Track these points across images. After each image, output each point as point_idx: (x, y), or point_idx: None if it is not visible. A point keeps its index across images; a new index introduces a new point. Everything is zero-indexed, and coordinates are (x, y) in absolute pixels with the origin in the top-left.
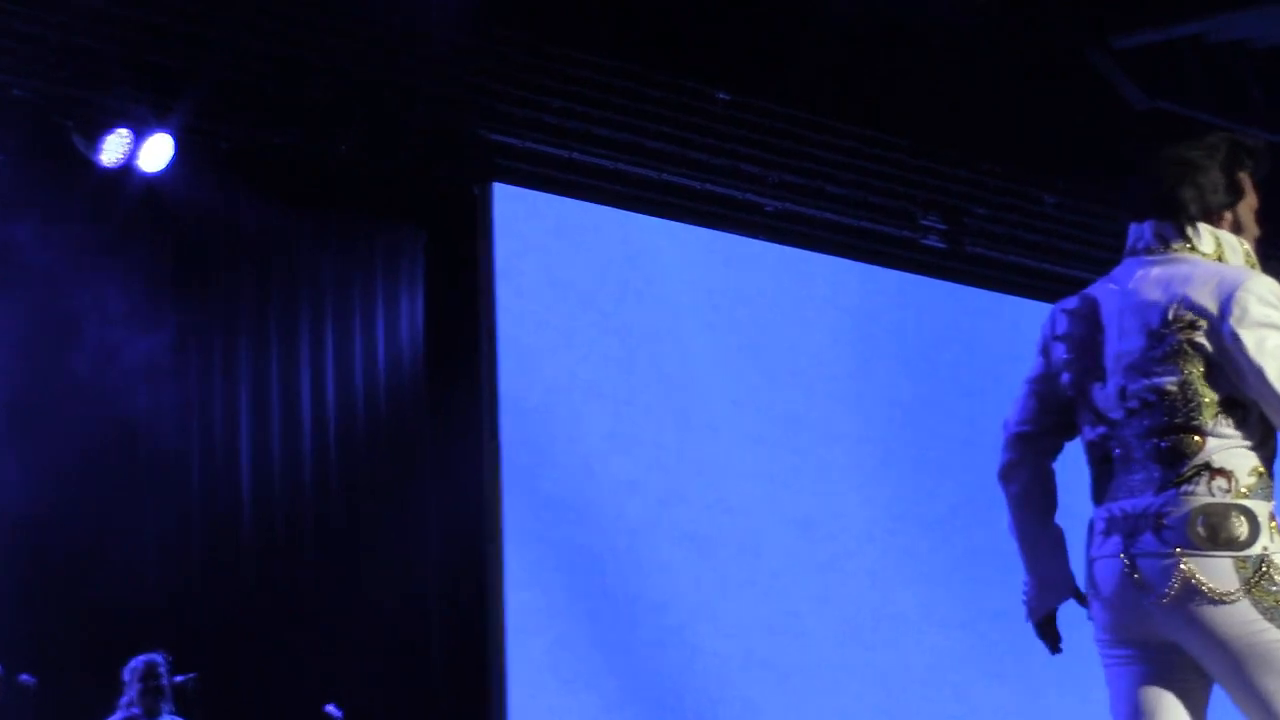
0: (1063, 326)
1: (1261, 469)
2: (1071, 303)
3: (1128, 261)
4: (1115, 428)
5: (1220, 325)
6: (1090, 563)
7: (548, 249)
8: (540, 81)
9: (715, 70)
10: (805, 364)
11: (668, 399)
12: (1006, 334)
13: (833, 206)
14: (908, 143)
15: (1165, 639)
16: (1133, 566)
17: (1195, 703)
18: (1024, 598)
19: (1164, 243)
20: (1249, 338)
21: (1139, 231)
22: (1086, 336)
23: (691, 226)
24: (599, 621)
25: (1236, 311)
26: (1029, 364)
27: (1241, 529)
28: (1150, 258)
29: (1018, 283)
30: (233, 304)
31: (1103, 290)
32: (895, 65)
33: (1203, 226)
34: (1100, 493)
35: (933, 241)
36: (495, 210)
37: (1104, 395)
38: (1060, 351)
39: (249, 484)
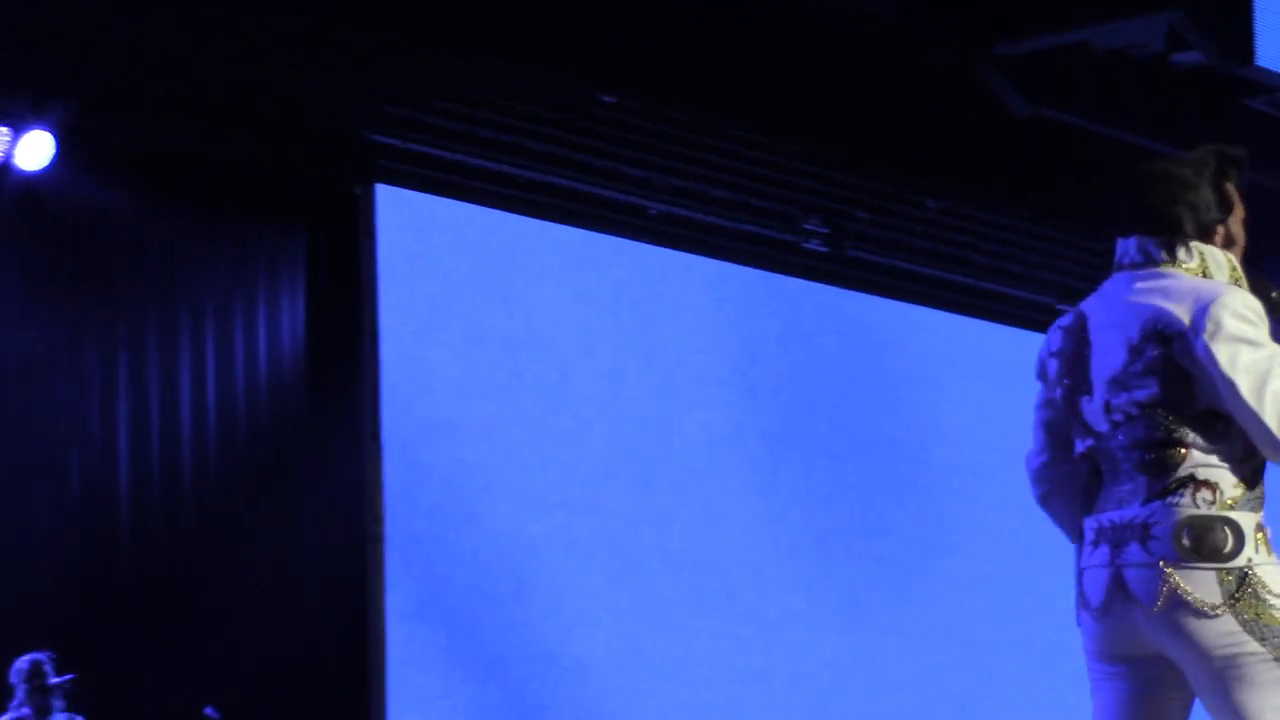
0: (1056, 343)
1: (1247, 480)
2: (1066, 319)
3: (1115, 276)
4: (1102, 440)
5: (1194, 340)
6: (1079, 573)
7: (431, 250)
8: (423, 83)
9: (600, 73)
10: (687, 366)
11: (550, 400)
12: (887, 337)
13: (715, 210)
14: (791, 147)
15: (1151, 651)
16: (1120, 577)
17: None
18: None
19: (1148, 257)
20: (1222, 353)
21: (1124, 246)
22: (1076, 351)
23: (575, 229)
24: (480, 620)
25: (1210, 326)
26: (1034, 390)
27: (1226, 541)
28: (1135, 273)
29: (899, 287)
30: (113, 303)
31: (1091, 305)
32: (780, 70)
33: (1192, 244)
34: (1090, 504)
35: (815, 245)
36: (378, 211)
37: (1091, 409)
38: (1054, 367)
39: (128, 484)
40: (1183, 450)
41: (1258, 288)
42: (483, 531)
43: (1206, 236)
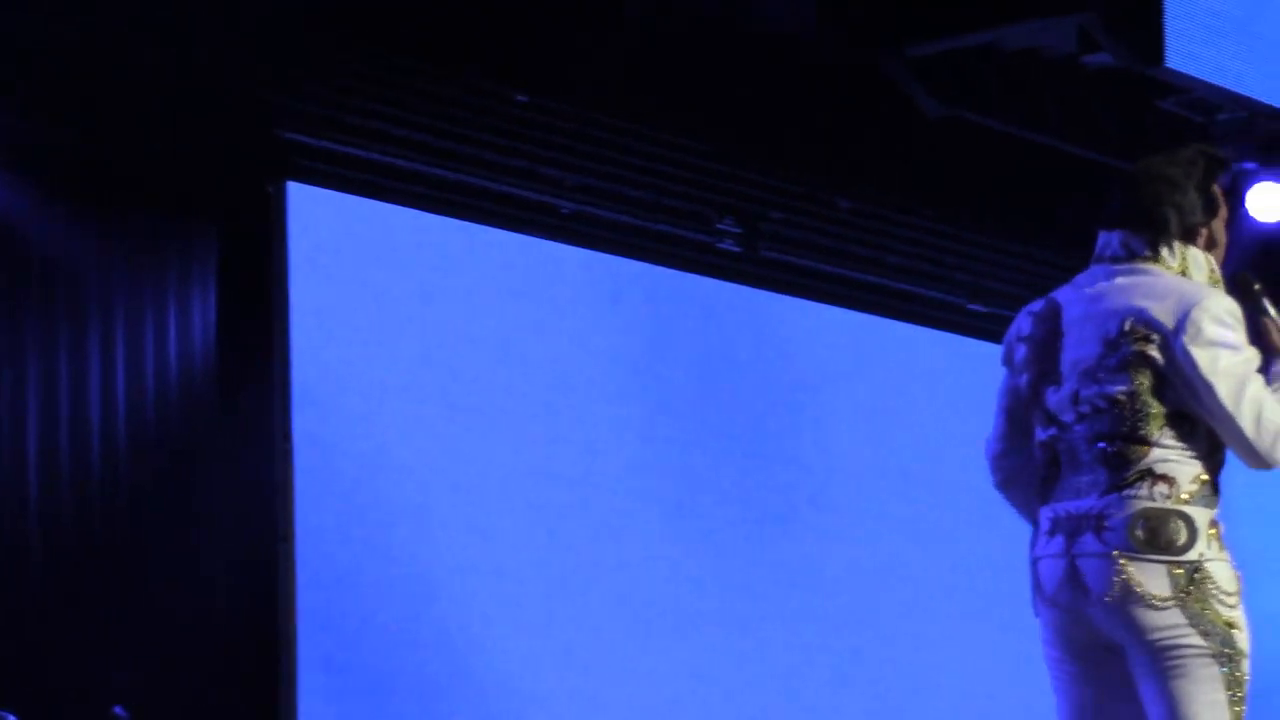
0: (1026, 329)
1: (1205, 478)
2: (1037, 305)
3: (1094, 268)
4: (1065, 430)
5: (1174, 341)
6: (1034, 562)
7: (345, 249)
8: (337, 80)
9: (513, 72)
10: (601, 365)
11: (465, 399)
12: (800, 337)
13: (629, 209)
14: (704, 146)
15: (1106, 641)
16: (1074, 567)
17: (1139, 711)
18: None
19: (1131, 253)
20: (1202, 356)
21: (1107, 239)
22: (1046, 339)
23: (488, 228)
24: (392, 620)
25: (1191, 330)
26: (998, 376)
27: (1180, 534)
28: (1115, 267)
29: (812, 287)
30: (18, 304)
31: (1066, 295)
32: (693, 69)
33: (1176, 244)
34: (1047, 493)
35: (728, 245)
36: (290, 210)
37: (1057, 398)
38: (1021, 353)
39: (36, 485)
40: (1144, 447)
41: (1239, 281)
42: (394, 532)
43: (1190, 237)
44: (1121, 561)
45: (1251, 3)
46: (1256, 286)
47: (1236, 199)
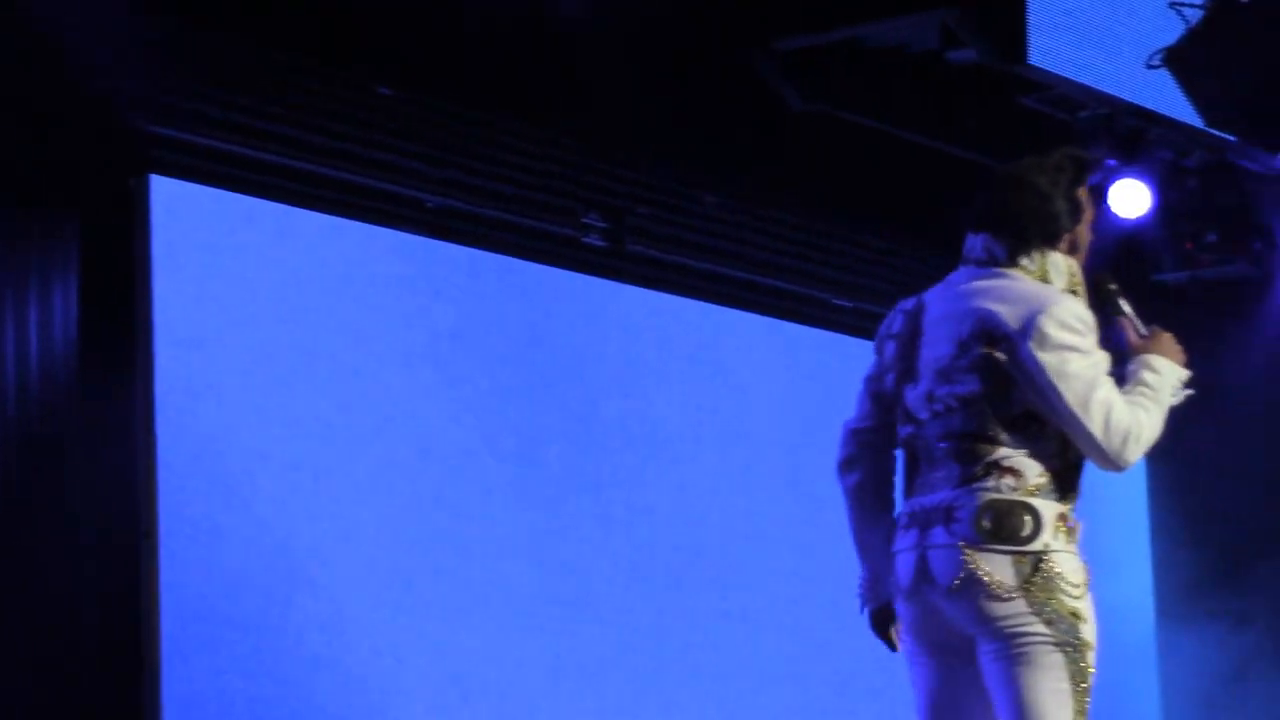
0: (896, 326)
1: (1055, 471)
2: (909, 303)
3: (960, 269)
4: (921, 427)
5: (1020, 346)
6: (893, 557)
7: (210, 243)
8: (200, 73)
9: (379, 64)
10: (467, 361)
11: (331, 394)
12: (666, 333)
13: (495, 203)
14: (571, 141)
15: (958, 634)
16: (924, 559)
17: (991, 706)
18: (859, 590)
19: (992, 257)
20: (1048, 360)
21: (973, 242)
22: (910, 337)
23: (354, 222)
24: (258, 616)
25: (1037, 335)
26: (868, 361)
27: (1024, 525)
28: (978, 270)
29: (678, 282)
30: None
31: (933, 294)
32: (559, 63)
33: (1036, 249)
34: (907, 489)
35: (594, 240)
36: (154, 203)
37: (914, 396)
38: (889, 350)
39: None
40: (993, 446)
41: (1096, 283)
42: (261, 528)
43: (1052, 243)
44: (968, 552)
45: (1112, 1)
46: (1113, 287)
47: (1100, 196)
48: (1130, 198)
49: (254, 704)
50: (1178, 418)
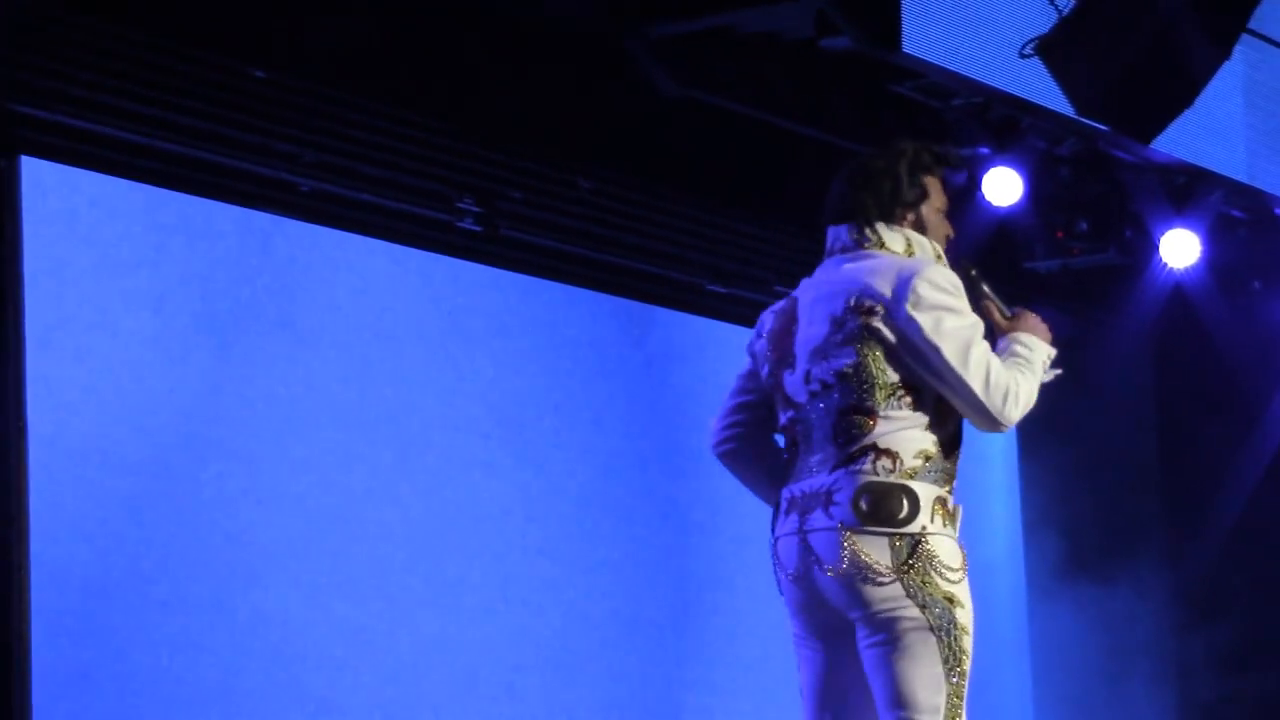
0: (767, 325)
1: (931, 452)
2: (780, 304)
3: (825, 262)
4: (800, 410)
5: (896, 310)
6: (774, 542)
7: (82, 225)
8: (68, 54)
9: (250, 47)
10: (339, 345)
11: (203, 376)
12: (539, 318)
13: (368, 187)
14: (444, 124)
15: (840, 617)
16: (806, 542)
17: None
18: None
19: (856, 242)
20: (925, 320)
21: (834, 234)
22: (783, 330)
23: (226, 205)
24: (131, 626)
25: (912, 297)
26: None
27: (901, 508)
28: (843, 256)
29: (552, 267)
30: None
31: (802, 288)
32: (432, 47)
33: (895, 227)
34: (787, 474)
35: (468, 224)
36: (24, 185)
37: (792, 380)
38: (762, 346)
39: None
40: (870, 420)
41: (958, 266)
42: (139, 526)
43: (891, 220)
44: (847, 534)
45: None
46: (974, 273)
47: (973, 186)
48: (1002, 186)
49: (123, 690)
50: (1049, 403)
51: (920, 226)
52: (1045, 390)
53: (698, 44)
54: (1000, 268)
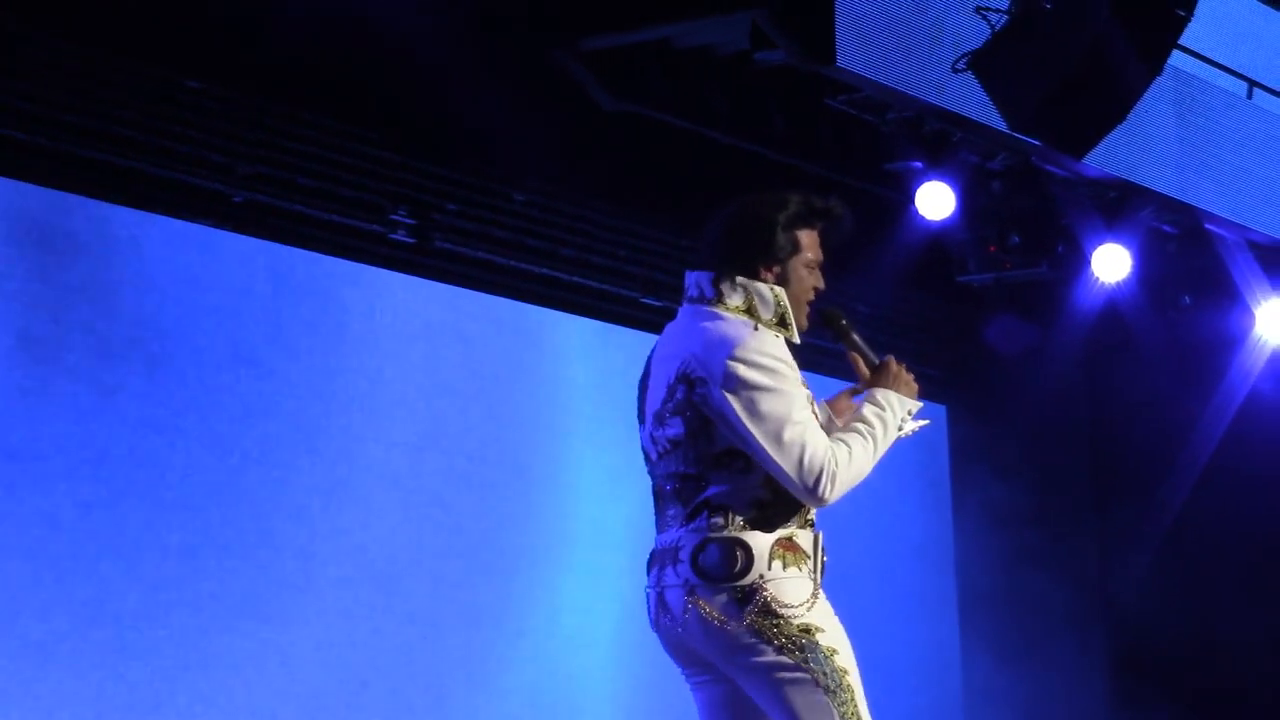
0: (642, 372)
1: (766, 499)
2: (653, 347)
3: (682, 308)
4: (653, 468)
5: (712, 390)
6: (645, 594)
7: (11, 238)
8: (1, 65)
9: (183, 58)
10: (273, 357)
11: (130, 385)
12: (474, 329)
13: (302, 199)
14: (379, 136)
15: (707, 660)
16: (662, 598)
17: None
18: None
19: (701, 293)
20: (737, 403)
21: (694, 280)
22: (643, 383)
23: (160, 216)
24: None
25: (724, 378)
26: None
27: (735, 562)
28: (692, 306)
29: (486, 279)
30: None
31: (662, 336)
32: (367, 58)
33: (747, 282)
34: (657, 524)
35: (402, 236)
36: None
37: (644, 437)
38: (638, 396)
39: None
40: (703, 482)
41: (827, 317)
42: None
43: (753, 274)
44: (692, 590)
45: (918, 4)
46: (844, 321)
47: (906, 201)
48: (935, 200)
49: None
50: (983, 415)
51: (784, 280)
52: (977, 402)
53: (633, 57)
54: (934, 281)
